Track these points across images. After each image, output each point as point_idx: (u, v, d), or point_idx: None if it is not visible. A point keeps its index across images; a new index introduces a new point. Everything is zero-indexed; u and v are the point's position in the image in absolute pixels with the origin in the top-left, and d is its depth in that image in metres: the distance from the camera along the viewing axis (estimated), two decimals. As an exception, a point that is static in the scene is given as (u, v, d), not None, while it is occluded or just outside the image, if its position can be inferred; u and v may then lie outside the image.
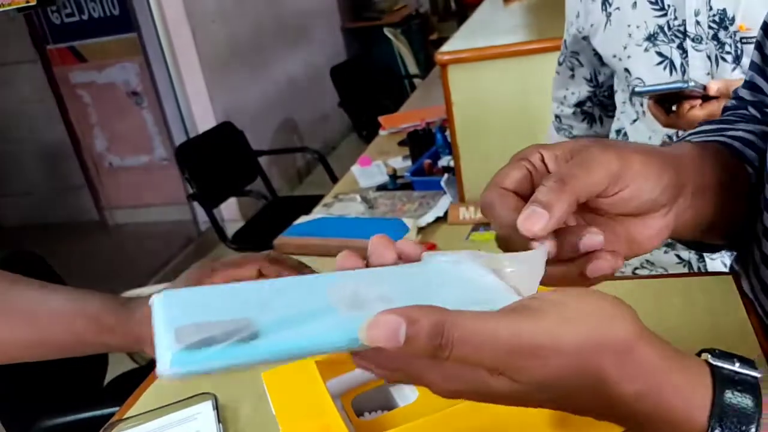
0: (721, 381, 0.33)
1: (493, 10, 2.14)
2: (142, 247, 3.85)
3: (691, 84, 0.88)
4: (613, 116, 1.21)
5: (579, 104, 1.26)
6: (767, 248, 0.50)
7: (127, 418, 0.61)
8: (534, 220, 0.36)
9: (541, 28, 1.72)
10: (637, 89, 0.98)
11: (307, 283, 0.34)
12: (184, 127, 3.68)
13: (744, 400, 0.32)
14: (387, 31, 4.86)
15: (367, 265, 0.36)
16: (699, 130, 0.57)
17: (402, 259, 0.37)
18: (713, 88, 0.88)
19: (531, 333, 0.31)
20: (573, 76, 1.23)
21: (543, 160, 0.41)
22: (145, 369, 1.73)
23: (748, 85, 0.61)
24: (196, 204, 3.40)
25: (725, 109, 0.63)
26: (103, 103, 3.81)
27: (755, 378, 0.33)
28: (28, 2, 2.13)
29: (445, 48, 1.60)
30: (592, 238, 0.38)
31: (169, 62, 3.54)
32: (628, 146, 0.41)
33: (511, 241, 0.39)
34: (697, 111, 0.89)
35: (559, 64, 1.23)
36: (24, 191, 4.21)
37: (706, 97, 0.89)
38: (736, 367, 0.33)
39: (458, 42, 1.70)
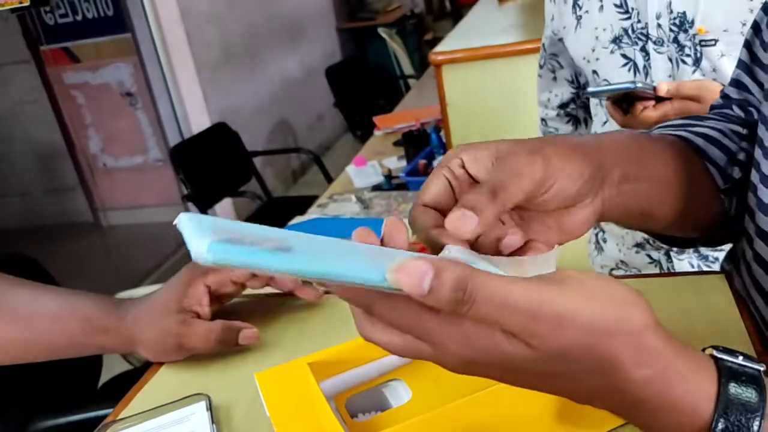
0: (726, 373, 0.33)
1: (487, 10, 2.14)
2: (136, 248, 3.84)
3: (639, 85, 0.91)
4: None
5: (562, 106, 1.27)
6: (760, 248, 0.50)
7: (121, 419, 0.61)
8: (464, 222, 0.37)
9: (535, 28, 1.73)
10: (588, 90, 1.01)
11: (334, 240, 0.34)
12: (178, 127, 3.67)
13: (748, 392, 0.33)
14: (382, 32, 4.87)
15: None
16: (666, 124, 0.58)
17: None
18: (663, 89, 0.90)
19: (552, 301, 0.31)
20: (555, 78, 1.24)
21: (463, 166, 0.42)
22: (139, 370, 1.72)
23: (734, 83, 0.62)
24: (190, 204, 3.39)
25: (712, 107, 0.64)
26: (97, 104, 3.80)
27: (758, 371, 0.34)
28: (21, 3, 2.12)
29: (439, 48, 1.60)
30: (512, 238, 0.41)
31: (163, 63, 3.53)
32: (551, 146, 0.42)
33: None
34: (650, 112, 0.91)
35: (540, 66, 1.25)
36: (17, 192, 4.19)
37: (660, 99, 0.91)
38: (740, 360, 0.34)
39: (453, 42, 1.70)
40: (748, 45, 0.59)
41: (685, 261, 1.07)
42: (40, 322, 0.69)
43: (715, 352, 0.35)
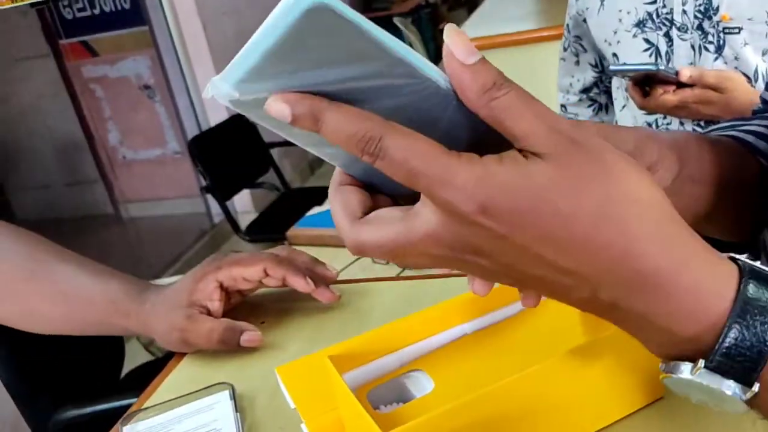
0: (748, 271, 0.30)
1: (504, -2, 2.12)
2: (156, 240, 3.88)
3: (662, 67, 0.90)
4: None
5: (585, 90, 1.25)
6: None
7: (146, 408, 0.61)
8: None
9: (551, 14, 1.71)
10: (611, 67, 1.00)
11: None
12: (196, 119, 3.69)
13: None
14: (397, 21, 4.84)
15: None
16: (715, 127, 0.57)
17: None
18: (685, 74, 0.90)
19: (593, 137, 0.30)
20: (578, 62, 1.23)
21: None
22: (161, 360, 1.74)
23: None
24: (209, 196, 3.41)
25: (754, 112, 0.63)
26: (116, 97, 3.82)
27: None
28: (40, -3, 2.14)
29: (456, 37, 1.59)
30: None
31: (180, 55, 3.55)
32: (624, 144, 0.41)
33: None
34: (670, 96, 0.91)
35: (564, 49, 1.23)
36: (39, 185, 4.24)
37: (681, 84, 0.90)
38: (760, 264, 0.31)
39: (469, 30, 1.69)
40: None
41: None
42: (76, 299, 0.72)
43: (733, 255, 0.32)
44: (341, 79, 0.30)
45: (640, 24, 1.00)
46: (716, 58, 0.94)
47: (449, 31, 0.30)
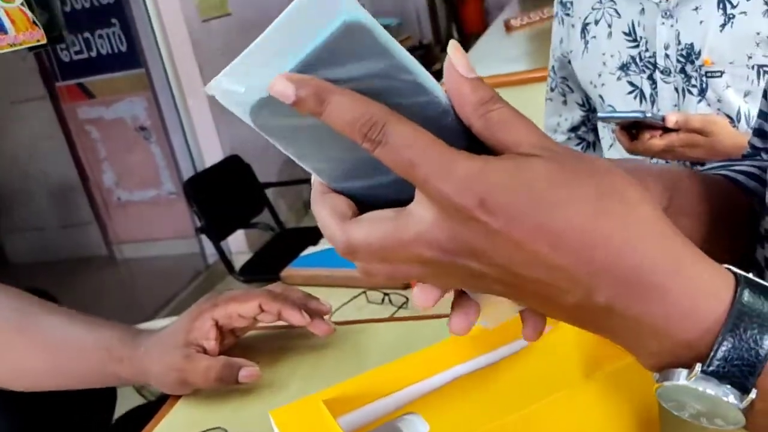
0: (743, 279, 0.30)
1: (496, 39, 2.16)
2: (150, 281, 3.86)
3: (649, 115, 0.93)
4: None
5: (573, 129, 1.27)
6: None
7: (137, 455, 0.61)
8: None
9: (543, 56, 1.74)
10: (599, 115, 1.02)
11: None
12: (191, 160, 3.70)
13: (763, 306, 0.29)
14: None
15: None
16: (707, 167, 0.58)
17: None
18: (671, 120, 0.91)
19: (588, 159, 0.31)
20: (565, 101, 1.24)
21: None
22: (154, 404, 1.71)
23: (757, 132, 0.62)
24: (203, 237, 3.41)
25: (743, 156, 0.64)
26: (112, 138, 3.85)
27: None
28: (38, 41, 2.17)
29: (448, 78, 1.62)
30: None
31: (176, 97, 3.58)
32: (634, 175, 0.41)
33: None
34: (657, 140, 0.93)
35: (551, 90, 1.25)
36: (33, 227, 4.23)
37: (667, 129, 0.92)
38: (752, 275, 0.31)
39: (462, 72, 1.71)
40: (766, 94, 0.59)
41: None
42: (65, 351, 0.71)
43: (729, 266, 0.31)
44: (349, 79, 0.30)
45: (623, 67, 1.02)
46: (699, 101, 0.96)
47: (453, 47, 0.32)
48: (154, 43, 3.49)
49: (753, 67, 0.91)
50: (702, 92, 0.95)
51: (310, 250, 1.67)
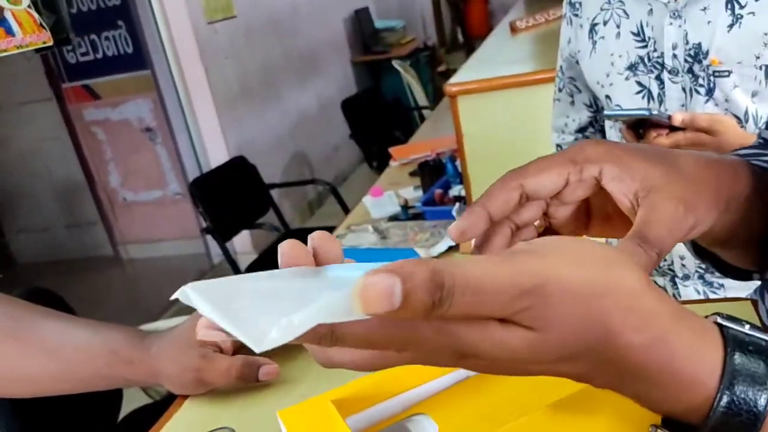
0: (732, 341, 0.31)
1: (500, 41, 2.16)
2: (155, 282, 3.86)
3: (654, 112, 0.92)
4: None
5: (581, 130, 1.27)
6: None
7: (145, 455, 0.61)
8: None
9: (548, 57, 1.74)
10: (605, 112, 1.02)
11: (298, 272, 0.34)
12: (197, 161, 3.72)
13: (755, 363, 0.30)
14: (396, 64, 4.92)
15: (316, 258, 0.35)
16: (737, 153, 0.56)
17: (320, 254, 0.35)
18: (677, 118, 0.91)
19: (533, 270, 0.28)
20: (573, 102, 1.24)
21: (599, 175, 0.40)
22: (160, 404, 1.72)
23: None
24: (209, 237, 3.41)
25: (752, 147, 0.64)
26: (118, 140, 3.86)
27: (766, 341, 0.31)
28: (45, 43, 2.18)
29: (454, 79, 1.62)
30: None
31: (182, 98, 3.59)
32: (696, 192, 0.40)
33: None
34: (663, 139, 0.92)
35: (559, 90, 1.25)
36: (39, 228, 4.25)
37: (673, 127, 0.92)
38: (747, 329, 0.31)
39: (467, 73, 1.72)
40: None
41: (690, 287, 1.06)
42: (69, 354, 0.69)
43: (719, 319, 0.32)
44: None
45: (632, 67, 1.02)
46: (707, 101, 0.96)
47: (356, 301, 0.26)
48: (160, 45, 3.50)
49: (761, 68, 0.91)
50: (709, 92, 0.95)
51: (315, 251, 1.68)
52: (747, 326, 0.31)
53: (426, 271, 0.26)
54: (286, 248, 0.34)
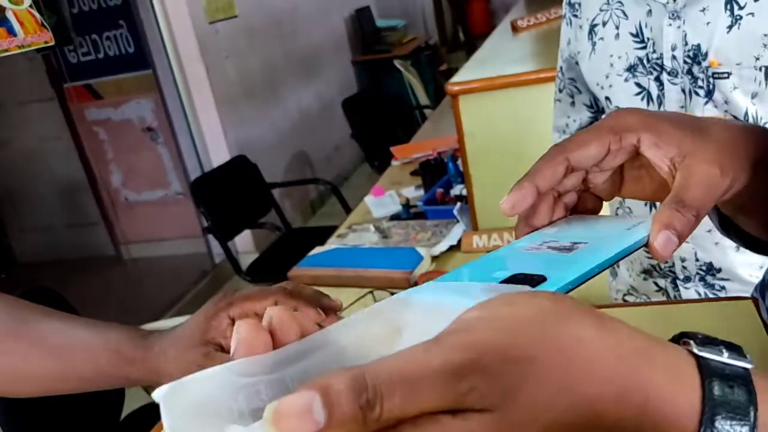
0: (709, 374, 0.29)
1: (502, 40, 2.16)
2: (157, 281, 3.87)
3: None
4: None
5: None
6: None
7: (147, 453, 0.61)
8: (668, 247, 0.38)
9: (550, 56, 1.74)
10: (603, 117, 1.01)
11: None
12: (198, 161, 3.72)
13: (735, 394, 0.28)
14: (397, 63, 4.92)
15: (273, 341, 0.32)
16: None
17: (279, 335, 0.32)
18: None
19: (462, 345, 0.26)
20: (573, 103, 1.24)
21: (638, 142, 0.42)
22: (162, 403, 1.72)
23: None
24: (210, 237, 3.42)
25: None
26: (119, 139, 3.87)
27: (746, 370, 0.29)
28: (47, 43, 2.18)
29: (455, 79, 1.62)
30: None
31: (183, 98, 3.60)
32: (729, 155, 0.42)
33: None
34: None
35: (559, 91, 1.25)
36: (41, 227, 4.26)
37: None
38: (725, 357, 0.29)
39: (468, 72, 1.71)
40: None
41: (691, 289, 1.06)
42: (71, 353, 0.69)
43: (695, 348, 0.30)
44: None
45: (631, 69, 1.01)
46: (706, 102, 0.95)
47: (269, 413, 0.23)
48: (162, 45, 3.51)
49: (761, 69, 0.91)
50: (709, 94, 0.95)
51: (316, 250, 1.68)
52: (724, 351, 0.30)
53: (344, 377, 0.24)
54: (243, 335, 0.31)
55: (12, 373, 0.71)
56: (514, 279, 0.35)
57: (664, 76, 0.98)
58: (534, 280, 0.34)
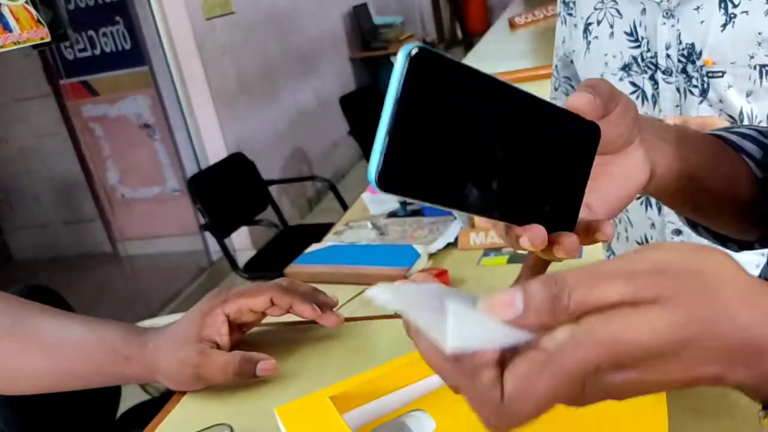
0: None
1: (499, 37, 2.16)
2: (154, 278, 3.87)
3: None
4: None
5: None
6: None
7: (143, 451, 0.61)
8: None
9: (547, 53, 1.74)
10: None
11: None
12: (195, 158, 3.71)
13: None
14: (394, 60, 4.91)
15: None
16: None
17: None
18: (669, 123, 0.91)
19: (644, 258, 0.31)
20: None
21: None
22: (158, 400, 1.72)
23: None
24: (207, 234, 3.41)
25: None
26: (116, 136, 3.85)
27: None
28: (43, 39, 2.17)
29: (453, 75, 1.61)
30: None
31: (180, 94, 3.59)
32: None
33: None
34: None
35: (555, 89, 1.25)
36: (37, 224, 4.24)
37: None
38: None
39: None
40: None
41: None
42: (66, 351, 0.69)
43: None
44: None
45: (625, 68, 1.01)
46: (701, 101, 0.95)
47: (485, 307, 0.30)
48: (158, 41, 3.50)
49: (755, 67, 0.90)
50: (703, 93, 0.95)
51: (313, 247, 1.68)
52: None
53: (538, 279, 0.30)
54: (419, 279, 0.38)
55: (7, 371, 0.70)
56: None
57: (659, 75, 0.98)
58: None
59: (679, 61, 0.95)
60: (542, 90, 1.47)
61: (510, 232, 0.41)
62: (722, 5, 0.90)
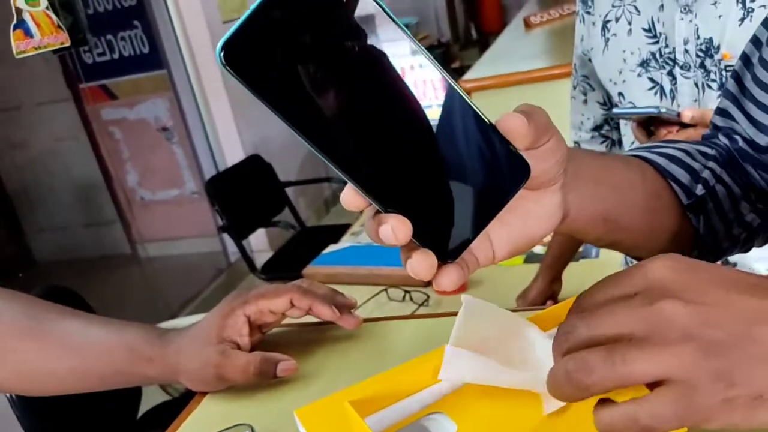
0: None
1: (515, 37, 2.15)
2: (173, 279, 3.90)
3: (663, 110, 0.92)
4: None
5: (596, 128, 1.26)
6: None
7: (165, 451, 0.61)
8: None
9: (563, 53, 1.73)
10: (614, 111, 1.03)
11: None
12: (213, 160, 3.74)
13: None
14: None
15: None
16: (635, 147, 0.59)
17: None
18: (687, 115, 0.91)
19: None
20: (586, 101, 1.24)
21: None
22: (178, 400, 1.74)
23: (719, 111, 0.62)
24: (225, 236, 3.43)
25: (703, 137, 0.64)
26: (135, 139, 3.89)
27: None
28: (62, 44, 2.20)
29: (468, 76, 1.62)
30: None
31: (198, 98, 3.61)
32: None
33: None
34: (673, 136, 0.92)
35: (574, 88, 1.25)
36: (57, 227, 4.29)
37: (684, 124, 0.91)
38: None
39: (481, 69, 1.71)
40: (736, 76, 0.59)
41: None
42: (88, 352, 0.70)
43: None
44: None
45: (644, 64, 1.01)
46: (719, 96, 0.95)
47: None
48: (176, 45, 3.52)
49: None
50: (722, 87, 0.94)
51: (331, 248, 1.68)
52: None
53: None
54: None
55: (30, 371, 0.71)
56: None
57: (677, 71, 0.97)
58: None
59: (697, 55, 0.95)
60: (558, 90, 1.47)
61: (376, 219, 0.37)
62: (740, 0, 0.90)
